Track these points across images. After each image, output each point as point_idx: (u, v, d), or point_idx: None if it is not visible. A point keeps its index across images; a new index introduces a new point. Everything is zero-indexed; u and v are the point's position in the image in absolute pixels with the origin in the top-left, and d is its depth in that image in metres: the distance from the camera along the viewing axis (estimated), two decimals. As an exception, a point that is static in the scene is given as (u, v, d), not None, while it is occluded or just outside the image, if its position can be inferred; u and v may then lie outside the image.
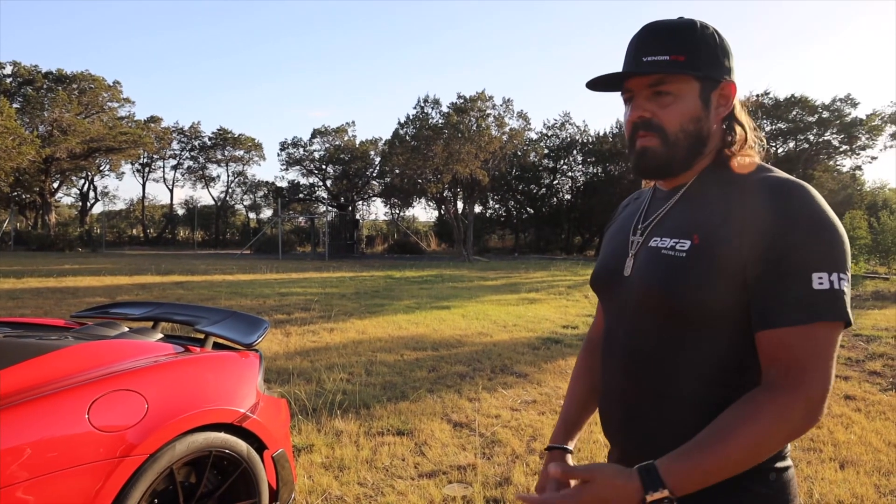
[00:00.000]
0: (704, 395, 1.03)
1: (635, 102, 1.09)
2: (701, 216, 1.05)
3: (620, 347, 1.13)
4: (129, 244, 43.67)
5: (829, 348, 0.93)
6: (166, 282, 14.90)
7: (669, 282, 1.03)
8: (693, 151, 1.08)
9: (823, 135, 26.14)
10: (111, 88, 40.63)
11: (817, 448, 4.00)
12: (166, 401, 2.09)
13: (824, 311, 0.93)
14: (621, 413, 1.14)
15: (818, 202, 0.98)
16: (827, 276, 0.93)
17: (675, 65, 1.04)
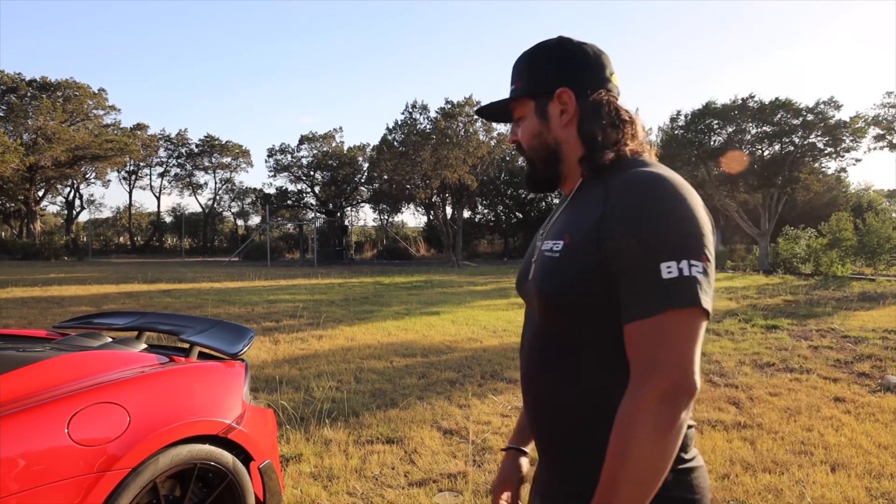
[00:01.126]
0: (595, 387, 1.04)
1: (511, 129, 1.24)
2: (573, 217, 1.09)
3: (527, 347, 1.18)
4: (115, 252, 43.32)
5: (681, 335, 0.92)
6: (153, 290, 14.76)
7: (547, 280, 1.08)
8: (548, 162, 1.16)
9: (808, 137, 26.30)
10: (96, 96, 40.36)
11: (808, 451, 3.99)
12: (149, 413, 2.04)
13: (675, 299, 0.92)
14: (530, 408, 1.17)
15: (667, 191, 0.98)
16: (675, 265, 0.93)
17: (515, 91, 1.18)
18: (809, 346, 7.72)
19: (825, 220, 24.28)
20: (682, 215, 0.96)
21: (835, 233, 22.38)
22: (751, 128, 27.38)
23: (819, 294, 14.23)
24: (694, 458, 1.05)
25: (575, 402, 1.06)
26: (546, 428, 1.13)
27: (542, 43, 1.19)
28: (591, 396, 1.05)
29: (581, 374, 1.05)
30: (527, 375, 1.17)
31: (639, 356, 0.95)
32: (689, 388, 0.92)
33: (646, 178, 1.01)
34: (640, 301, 0.95)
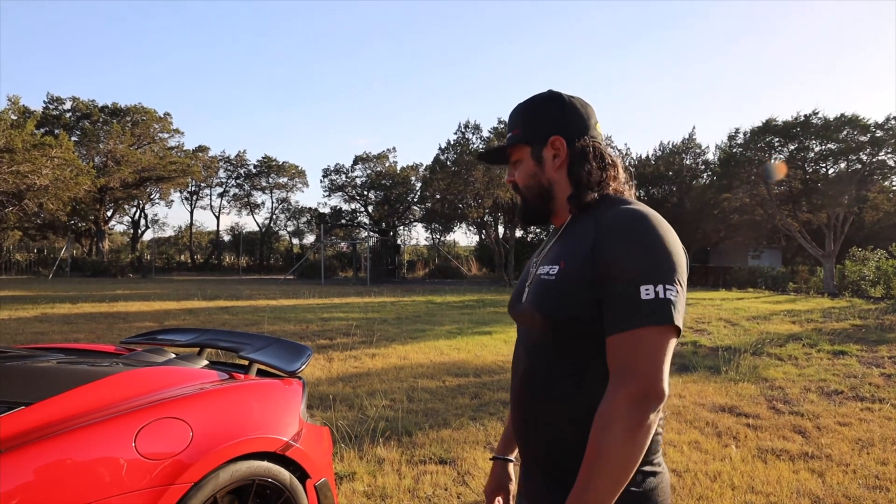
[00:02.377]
0: (586, 397, 1.16)
1: (508, 170, 1.40)
2: (567, 247, 1.24)
3: (520, 365, 1.30)
4: (177, 270, 44.85)
5: (654, 348, 1.07)
6: (212, 307, 15.19)
7: (544, 300, 1.21)
8: (542, 199, 1.34)
9: (877, 154, 25.21)
10: (162, 120, 42.20)
11: (884, 486, 3.78)
12: (211, 429, 2.09)
13: (649, 317, 1.07)
14: (521, 420, 1.29)
15: (648, 225, 1.14)
16: (653, 287, 1.08)
17: (513, 138, 1.35)
18: (882, 373, 7.33)
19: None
20: (659, 247, 1.12)
21: (907, 254, 21.29)
22: (814, 145, 26.43)
23: (891, 318, 13.54)
24: (659, 464, 1.20)
25: (568, 413, 1.18)
26: (538, 438, 1.24)
27: (536, 96, 1.36)
28: (582, 407, 1.16)
29: (574, 386, 1.18)
30: (520, 389, 1.29)
31: (616, 364, 1.09)
32: (658, 393, 1.06)
33: (630, 214, 1.18)
34: (620, 316, 1.10)
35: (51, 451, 1.75)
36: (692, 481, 3.81)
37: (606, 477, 1.03)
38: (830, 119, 25.59)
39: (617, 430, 1.04)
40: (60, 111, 39.63)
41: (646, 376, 1.06)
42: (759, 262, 32.41)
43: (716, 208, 30.65)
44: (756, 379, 6.94)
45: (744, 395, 6.13)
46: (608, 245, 1.15)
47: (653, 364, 1.06)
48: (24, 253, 39.07)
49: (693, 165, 34.03)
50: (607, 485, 1.03)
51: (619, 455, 1.03)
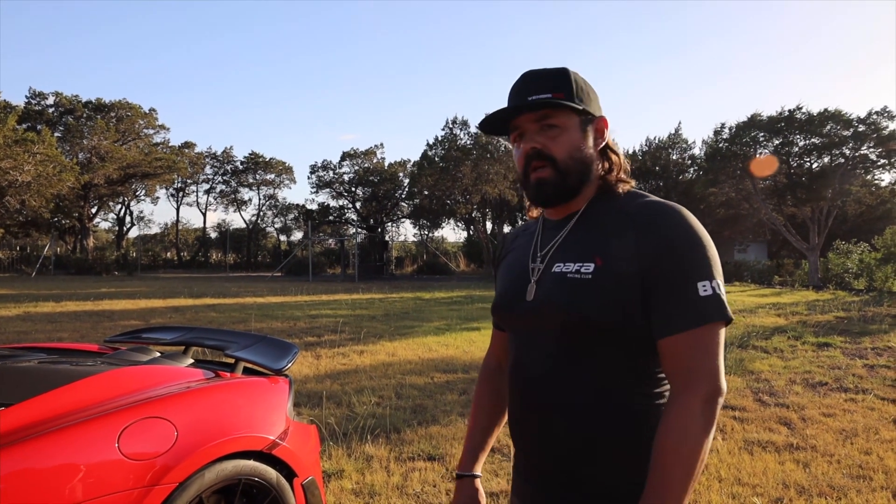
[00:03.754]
0: (619, 406, 1.13)
1: (527, 136, 1.21)
2: (599, 240, 1.16)
3: (533, 372, 1.20)
4: (163, 267, 44.51)
5: (715, 346, 1.06)
6: (199, 304, 15.10)
7: (579, 302, 1.12)
8: (582, 177, 1.21)
9: (860, 149, 25.47)
10: (147, 116, 41.81)
11: (867, 476, 3.82)
12: (196, 428, 2.07)
13: (712, 313, 1.06)
14: (539, 435, 1.19)
15: (691, 220, 1.12)
16: (709, 283, 1.07)
17: (557, 100, 1.17)
18: (865, 364, 7.42)
19: (879, 233, 23.43)
20: (708, 241, 1.11)
21: (889, 247, 21.56)
22: (798, 140, 26.66)
23: (873, 310, 13.70)
24: None
25: (599, 419, 1.13)
26: (560, 446, 1.16)
27: (573, 71, 1.24)
28: (614, 411, 1.13)
29: (604, 391, 1.13)
30: (535, 398, 1.19)
31: (680, 366, 1.07)
32: (722, 391, 1.06)
33: (671, 208, 1.13)
34: (680, 316, 1.06)
35: (32, 453, 1.73)
36: (679, 474, 3.82)
37: (683, 484, 1.01)
38: (814, 114, 25.84)
39: (695, 433, 1.02)
40: (43, 107, 39.11)
41: (712, 376, 1.05)
42: (746, 255, 32.71)
43: (702, 203, 30.85)
44: (742, 372, 7.01)
45: (730, 388, 6.17)
46: (657, 239, 1.10)
47: (715, 362, 1.06)
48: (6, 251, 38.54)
49: (679, 160, 34.24)
50: (685, 488, 1.02)
51: (697, 458, 1.02)
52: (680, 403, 1.05)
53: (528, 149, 1.20)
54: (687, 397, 1.05)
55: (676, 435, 1.03)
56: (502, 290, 1.31)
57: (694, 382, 1.05)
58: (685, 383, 1.06)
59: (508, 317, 1.28)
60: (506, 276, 1.34)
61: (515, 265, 1.31)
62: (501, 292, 1.31)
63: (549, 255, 1.22)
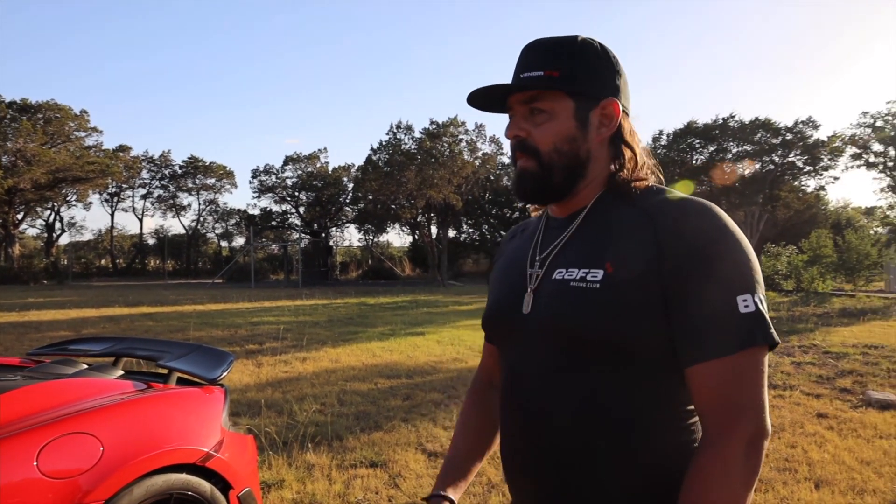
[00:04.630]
0: (630, 432, 0.93)
1: (512, 121, 1.04)
2: (610, 243, 0.96)
3: (531, 392, 1.00)
4: (97, 275, 42.77)
5: (760, 375, 0.87)
6: (135, 313, 14.57)
7: (585, 315, 0.92)
8: (571, 174, 1.01)
9: (788, 156, 26.79)
10: (78, 118, 40.14)
11: (792, 468, 3.99)
12: (123, 442, 1.99)
13: (755, 336, 0.86)
14: (536, 461, 1.00)
15: (728, 221, 0.92)
16: (751, 298, 0.87)
17: (549, 80, 0.99)
18: (792, 362, 7.77)
19: (805, 237, 24.57)
20: (748, 245, 0.91)
21: (815, 249, 22.63)
22: (732, 147, 27.80)
23: (801, 310, 14.37)
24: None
25: (608, 446, 0.94)
26: (563, 476, 0.97)
27: (584, 39, 1.02)
28: (641, 451, 0.93)
29: (630, 425, 0.93)
30: (538, 428, 0.99)
31: (716, 401, 0.86)
32: (767, 431, 0.86)
33: (702, 205, 0.93)
34: (716, 337, 0.86)
35: (-59, 474, 1.63)
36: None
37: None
38: (746, 122, 26.99)
39: (736, 483, 0.83)
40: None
41: (757, 413, 0.85)
42: (682, 258, 33.73)
43: (641, 207, 31.68)
44: (678, 371, 7.22)
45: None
46: (685, 244, 0.89)
47: (760, 396, 0.86)
48: (-76, 260, 36.37)
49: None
50: None
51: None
52: (717, 449, 0.85)
53: (511, 136, 1.04)
54: (726, 441, 0.85)
55: (714, 488, 0.83)
56: (494, 300, 1.13)
57: (735, 422, 0.85)
58: (723, 423, 0.85)
59: (501, 331, 1.10)
60: (499, 283, 1.14)
61: (511, 271, 1.11)
62: (493, 302, 1.13)
63: (550, 259, 1.03)
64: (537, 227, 1.13)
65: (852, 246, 22.14)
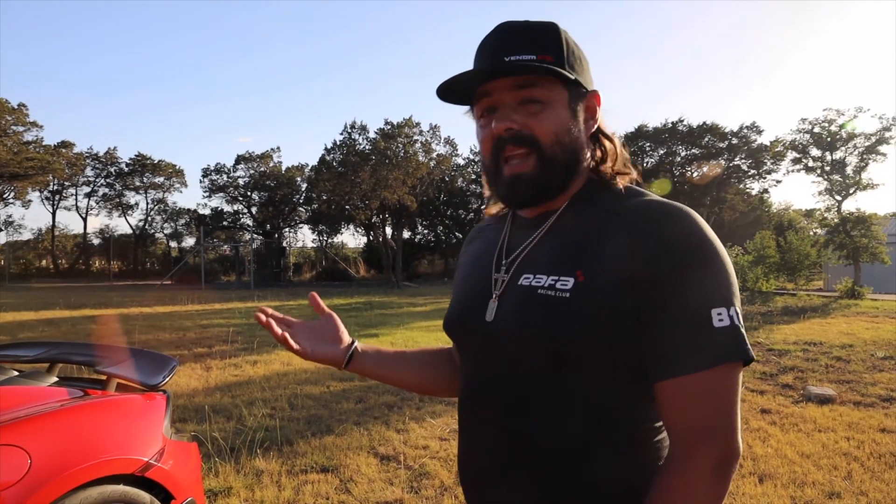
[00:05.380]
0: (595, 446, 0.88)
1: (501, 112, 0.92)
2: (582, 248, 0.90)
3: (492, 405, 0.95)
4: (37, 276, 41.12)
5: (733, 393, 0.82)
6: (76, 316, 14.05)
7: (553, 326, 0.86)
8: (570, 170, 0.94)
9: (733, 160, 27.66)
10: (16, 111, 38.51)
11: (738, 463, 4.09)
12: (54, 453, 1.89)
13: (728, 352, 0.81)
14: (499, 471, 0.94)
15: (707, 229, 0.86)
16: (726, 312, 0.82)
17: (545, 66, 0.88)
18: (737, 360, 7.99)
19: (750, 238, 25.40)
20: (725, 255, 0.86)
21: (759, 250, 23.41)
22: (681, 150, 28.53)
23: (746, 309, 14.83)
24: None
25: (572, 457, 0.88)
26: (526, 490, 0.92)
27: (562, 29, 0.94)
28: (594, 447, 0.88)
29: (590, 437, 0.88)
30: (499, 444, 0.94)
31: (686, 419, 0.82)
32: (737, 454, 0.83)
33: (678, 211, 0.87)
34: (688, 353, 0.81)
35: None
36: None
37: None
38: (694, 126, 27.74)
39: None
40: None
41: (727, 432, 0.81)
42: (633, 259, 34.46)
43: (593, 209, 32.24)
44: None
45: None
46: (659, 252, 0.84)
47: (731, 416, 0.82)
48: None
49: (572, 168, 35.62)
50: None
51: None
52: (682, 470, 0.81)
53: (503, 129, 0.91)
54: (692, 462, 0.81)
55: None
56: (457, 304, 1.06)
57: (703, 443, 0.81)
58: (691, 443, 0.82)
59: (462, 337, 1.04)
60: (462, 286, 1.07)
61: (473, 274, 1.05)
62: (455, 306, 1.06)
63: (517, 263, 0.96)
64: (503, 226, 1.06)
65: (793, 247, 22.98)
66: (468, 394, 1.01)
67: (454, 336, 1.07)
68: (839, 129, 21.64)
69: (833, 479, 3.82)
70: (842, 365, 7.50)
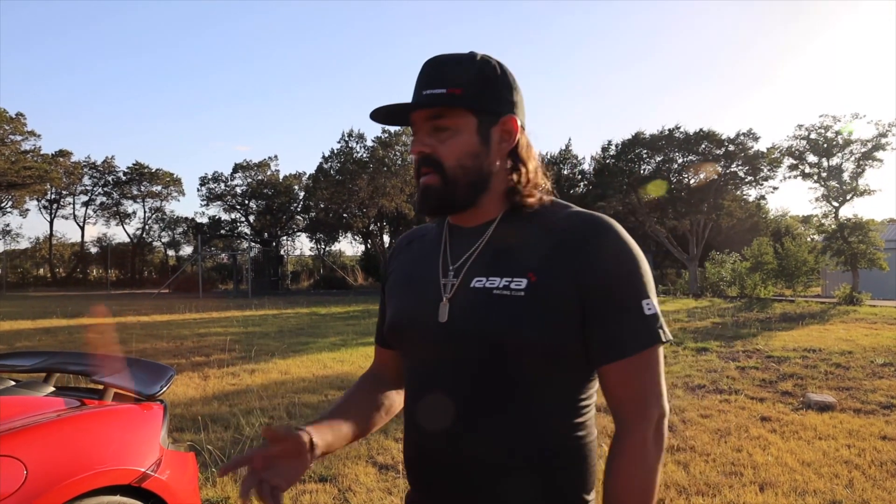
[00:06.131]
0: (550, 435, 1.00)
1: (416, 137, 1.07)
2: (528, 253, 1.01)
3: (448, 401, 1.01)
4: (34, 285, 41.04)
5: (660, 366, 0.99)
6: (74, 325, 14.00)
7: (511, 322, 0.97)
8: (474, 188, 1.05)
9: (730, 167, 27.68)
10: (13, 121, 38.52)
11: (738, 472, 4.07)
12: (50, 465, 1.87)
13: (656, 335, 0.97)
14: (455, 473, 1.02)
15: (629, 237, 1.02)
16: (651, 301, 0.98)
17: (451, 98, 1.02)
18: (737, 367, 7.98)
19: (748, 244, 25.44)
20: (643, 257, 1.01)
21: (757, 257, 23.45)
22: (678, 157, 28.56)
23: (745, 316, 14.82)
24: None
25: (531, 455, 0.99)
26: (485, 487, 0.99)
27: (483, 57, 1.07)
28: (550, 436, 0.99)
29: (535, 423, 0.99)
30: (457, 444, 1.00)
31: (631, 392, 0.98)
32: (667, 413, 0.99)
33: (606, 221, 1.01)
34: (628, 337, 0.96)
35: None
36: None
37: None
38: (691, 133, 27.79)
39: (651, 462, 0.96)
40: None
41: (659, 399, 0.98)
42: (631, 266, 34.46)
43: (591, 216, 32.26)
44: (628, 378, 7.32)
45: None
46: (597, 258, 0.97)
47: (661, 384, 0.99)
48: None
49: (570, 175, 35.68)
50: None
51: (653, 487, 0.96)
52: (634, 435, 0.97)
53: (416, 152, 1.07)
54: (641, 427, 0.97)
55: (638, 470, 0.96)
56: (402, 309, 1.12)
57: (646, 409, 0.97)
58: (637, 411, 0.97)
59: (411, 340, 1.10)
60: (404, 291, 1.14)
61: (417, 279, 1.12)
62: (401, 311, 1.12)
63: (466, 268, 1.05)
64: (439, 235, 1.15)
65: (791, 253, 23.01)
66: (418, 394, 1.09)
67: (403, 339, 1.12)
68: (835, 135, 21.70)
69: (834, 487, 3.80)
70: (841, 372, 7.49)
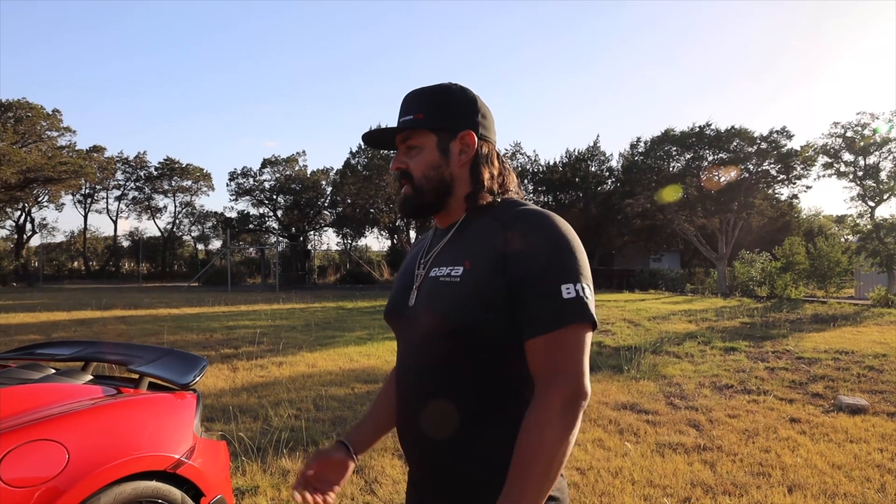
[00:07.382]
0: (491, 406, 1.14)
1: (395, 156, 1.31)
2: (470, 245, 1.20)
3: (412, 374, 1.22)
4: (69, 278, 42.03)
5: (580, 347, 1.07)
6: (107, 317, 14.32)
7: (448, 304, 1.15)
8: (439, 194, 1.26)
9: (762, 165, 27.19)
10: (50, 117, 39.41)
11: (766, 473, 4.03)
12: (90, 449, 1.94)
13: (574, 315, 1.07)
14: (415, 435, 1.21)
15: (558, 225, 1.14)
16: (573, 287, 1.08)
17: (416, 122, 1.25)
18: (766, 367, 7.87)
19: (779, 244, 24.97)
20: (574, 246, 1.13)
21: (788, 257, 23.02)
22: (708, 154, 28.14)
23: (774, 316, 14.57)
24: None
25: (475, 424, 1.14)
26: (440, 452, 1.17)
27: (445, 84, 1.30)
28: (490, 416, 1.14)
29: (481, 395, 1.14)
30: (417, 405, 1.20)
31: (543, 367, 1.08)
32: (585, 392, 1.06)
33: (539, 213, 1.16)
34: (544, 317, 1.07)
35: None
36: (595, 478, 3.92)
37: (540, 480, 1.01)
38: (722, 131, 27.34)
39: (552, 432, 1.02)
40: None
41: (574, 376, 1.05)
42: (660, 264, 34.11)
43: (619, 213, 32.00)
44: (656, 376, 7.27)
45: (644, 393, 6.39)
46: (522, 244, 1.12)
47: (579, 363, 1.07)
48: None
49: (598, 172, 35.38)
50: (541, 488, 1.01)
51: (554, 458, 1.02)
52: (540, 403, 1.05)
53: (394, 168, 1.30)
54: (548, 397, 1.05)
55: (535, 435, 1.03)
56: (392, 296, 1.35)
57: (556, 383, 1.05)
58: (547, 383, 1.06)
59: (394, 322, 1.31)
60: (397, 282, 1.37)
61: (405, 272, 1.35)
62: (391, 298, 1.35)
63: (431, 261, 1.26)
64: (430, 236, 1.37)
65: (823, 253, 22.55)
66: (400, 371, 1.28)
67: (389, 322, 1.34)
68: (873, 133, 21.17)
69: (866, 491, 3.74)
70: (875, 375, 7.34)
